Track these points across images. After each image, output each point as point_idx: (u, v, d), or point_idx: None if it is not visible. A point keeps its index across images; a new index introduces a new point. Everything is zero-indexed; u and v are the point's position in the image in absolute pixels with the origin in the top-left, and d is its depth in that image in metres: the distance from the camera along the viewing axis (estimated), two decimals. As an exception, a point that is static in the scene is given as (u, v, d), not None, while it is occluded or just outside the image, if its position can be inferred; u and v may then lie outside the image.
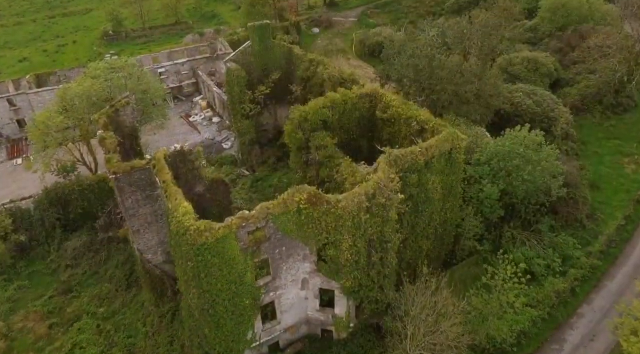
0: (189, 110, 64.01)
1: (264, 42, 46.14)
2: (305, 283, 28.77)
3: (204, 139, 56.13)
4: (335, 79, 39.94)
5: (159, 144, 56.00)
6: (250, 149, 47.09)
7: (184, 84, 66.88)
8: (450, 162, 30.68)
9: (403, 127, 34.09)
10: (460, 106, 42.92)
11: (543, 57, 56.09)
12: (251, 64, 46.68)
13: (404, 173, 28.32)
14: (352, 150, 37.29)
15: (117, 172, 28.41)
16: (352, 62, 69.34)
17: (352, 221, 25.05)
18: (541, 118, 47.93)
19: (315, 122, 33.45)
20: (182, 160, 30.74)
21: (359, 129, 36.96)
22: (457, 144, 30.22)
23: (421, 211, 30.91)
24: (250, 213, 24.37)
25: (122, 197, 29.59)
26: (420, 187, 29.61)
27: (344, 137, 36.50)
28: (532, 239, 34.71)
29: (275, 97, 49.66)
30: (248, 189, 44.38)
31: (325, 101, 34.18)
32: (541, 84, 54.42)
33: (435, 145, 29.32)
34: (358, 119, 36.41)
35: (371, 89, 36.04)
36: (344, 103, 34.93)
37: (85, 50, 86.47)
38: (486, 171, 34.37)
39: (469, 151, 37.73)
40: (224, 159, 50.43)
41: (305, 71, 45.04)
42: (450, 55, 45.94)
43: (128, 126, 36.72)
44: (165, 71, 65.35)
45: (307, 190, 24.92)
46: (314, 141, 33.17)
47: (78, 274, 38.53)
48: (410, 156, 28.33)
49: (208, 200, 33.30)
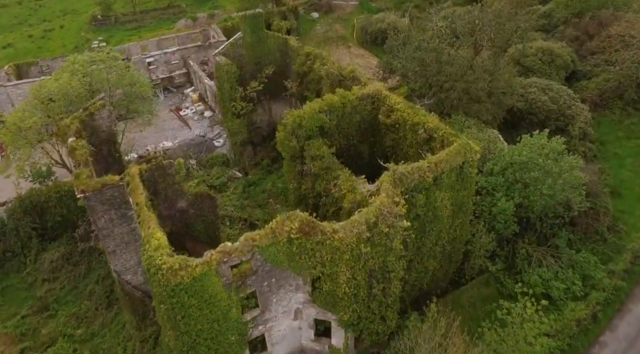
0: (180, 103, 60.37)
1: (256, 33, 42.26)
2: (299, 313, 25.82)
3: (194, 136, 52.71)
4: (333, 77, 36.24)
5: (147, 141, 52.80)
6: (242, 149, 43.68)
7: (175, 74, 63.05)
8: (462, 177, 27.32)
9: (409, 134, 30.62)
10: (470, 105, 39.27)
11: (559, 47, 51.96)
12: (243, 57, 42.90)
13: (410, 192, 25.05)
14: (352, 156, 34.04)
15: (86, 191, 25.18)
16: (353, 51, 65.23)
17: (350, 253, 21.90)
18: (557, 116, 44.26)
19: (310, 128, 29.97)
20: (161, 175, 27.43)
21: (360, 134, 33.50)
22: (470, 157, 26.81)
23: (428, 231, 27.76)
24: (233, 246, 21.20)
25: (94, 217, 26.43)
26: (427, 206, 26.36)
27: (343, 143, 33.09)
28: (548, 257, 31.57)
29: (269, 93, 46.01)
30: (240, 195, 41.16)
31: (321, 104, 30.62)
32: (556, 77, 50.50)
33: (446, 159, 25.92)
34: (358, 123, 32.91)
35: (373, 90, 32.41)
36: (343, 106, 31.38)
37: (73, 36, 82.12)
38: (500, 182, 31.02)
39: (481, 158, 34.34)
40: (215, 159, 47.05)
41: (301, 66, 41.28)
42: (459, 48, 42.08)
43: (105, 130, 33.29)
44: (155, 61, 61.46)
45: (299, 218, 21.68)
46: (309, 150, 29.76)
47: (56, 289, 35.68)
48: (417, 173, 24.97)
49: (192, 215, 30.17)
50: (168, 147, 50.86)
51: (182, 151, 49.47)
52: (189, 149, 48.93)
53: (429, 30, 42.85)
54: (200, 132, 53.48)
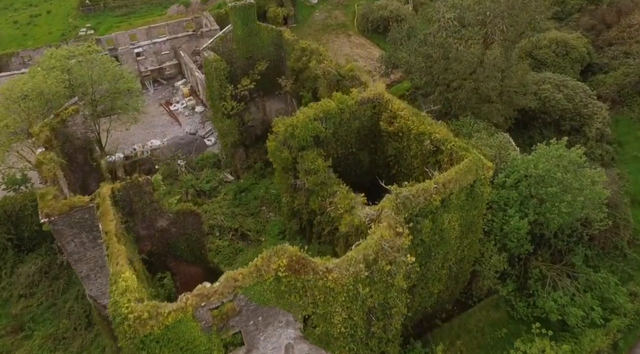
0: (171, 96, 57.14)
1: (248, 25, 38.85)
2: (290, 349, 23.29)
3: (184, 134, 49.68)
4: (331, 77, 33.05)
5: (135, 139, 49.85)
6: (233, 151, 40.74)
7: (165, 65, 59.63)
8: (472, 196, 24.49)
9: (413, 144, 27.67)
10: (479, 105, 36.13)
11: (574, 38, 48.37)
12: (233, 52, 39.60)
13: (414, 217, 22.26)
14: (351, 165, 31.22)
15: (51, 215, 22.44)
16: (354, 40, 61.56)
17: (346, 294, 19.23)
18: (572, 116, 41.14)
19: (304, 138, 27.02)
20: (137, 193, 24.61)
21: (359, 141, 30.55)
22: (481, 174, 23.91)
23: (434, 255, 25.08)
24: (213, 287, 18.52)
25: (62, 241, 23.76)
26: (433, 230, 23.61)
27: (341, 151, 30.19)
28: (564, 278, 28.93)
29: (263, 90, 42.87)
30: (230, 202, 38.40)
31: (316, 110, 27.58)
32: (571, 71, 47.11)
33: (455, 179, 23.03)
34: (358, 129, 29.93)
35: (374, 94, 29.30)
36: (341, 113, 28.34)
37: (60, 22, 78.23)
38: (513, 197, 28.16)
39: (491, 166, 31.43)
40: (206, 161, 44.17)
41: (296, 62, 38.00)
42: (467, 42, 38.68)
43: (80, 137, 30.39)
44: (144, 51, 57.99)
45: (287, 253, 18.93)
46: (302, 163, 26.88)
47: (32, 306, 33.29)
48: (423, 196, 22.12)
49: (175, 234, 27.47)
50: (156, 146, 47.96)
51: (171, 151, 46.58)
52: (178, 149, 45.99)
53: (435, 21, 39.35)
54: (191, 129, 50.45)
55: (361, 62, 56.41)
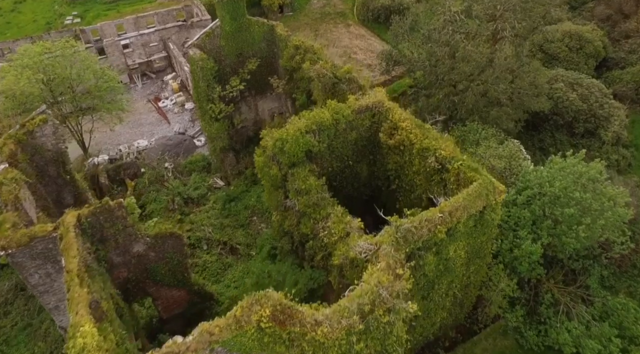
0: (160, 92, 54.20)
1: (237, 20, 35.75)
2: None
3: (173, 133, 46.93)
4: (326, 80, 30.16)
5: (121, 139, 47.20)
6: (223, 156, 38.07)
7: (154, 58, 56.48)
8: (482, 222, 21.93)
9: (416, 160, 24.99)
10: (487, 109, 33.30)
11: (589, 31, 45.16)
12: (222, 49, 36.58)
13: (416, 251, 19.78)
14: (348, 178, 28.61)
15: (8, 248, 19.99)
16: (353, 30, 58.18)
17: (339, 348, 16.84)
18: (586, 117, 38.31)
19: (294, 154, 24.35)
20: (109, 219, 22.10)
21: (357, 153, 27.87)
22: (492, 200, 21.31)
23: (437, 286, 22.68)
24: (185, 343, 16.13)
25: (24, 274, 21.35)
26: (437, 262, 21.15)
27: (336, 164, 27.54)
28: (579, 304, 26.57)
29: (255, 88, 39.99)
30: (219, 212, 35.89)
31: (308, 122, 24.83)
32: (585, 67, 44.07)
33: (463, 206, 20.44)
34: (355, 140, 27.20)
35: (373, 101, 26.49)
36: (336, 124, 25.60)
37: (46, 9, 74.70)
38: (525, 216, 25.59)
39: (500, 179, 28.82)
40: (194, 164, 41.53)
41: (289, 60, 35.04)
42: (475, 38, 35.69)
43: (51, 149, 27.77)
44: (131, 43, 54.77)
45: (271, 302, 16.50)
46: (292, 182, 24.27)
47: (6, 326, 31.14)
48: (426, 227, 19.58)
49: (153, 259, 25.05)
50: (143, 147, 45.29)
51: (158, 152, 43.92)
52: (165, 151, 43.30)
53: (440, 14, 36.17)
54: (180, 128, 47.70)
55: (360, 54, 53.27)
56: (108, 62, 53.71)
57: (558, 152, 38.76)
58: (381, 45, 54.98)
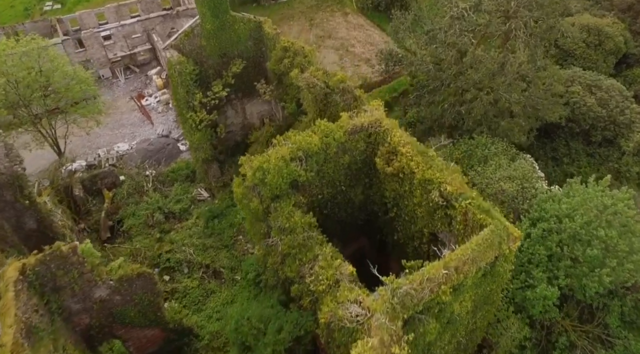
0: (143, 88, 50.59)
1: (219, 17, 32.03)
2: None
3: (155, 136, 43.62)
4: (316, 91, 26.72)
5: (101, 141, 43.95)
6: (206, 167, 34.88)
7: (138, 50, 52.61)
8: (493, 273, 18.93)
9: (417, 191, 21.83)
10: (498, 120, 29.91)
11: (609, 25, 41.21)
12: (203, 49, 32.98)
13: (416, 314, 16.85)
14: (340, 204, 25.52)
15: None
16: (351, 19, 54.06)
17: None
18: (605, 125, 34.85)
19: (277, 186, 21.20)
20: (62, 266, 19.17)
21: (350, 178, 24.68)
22: (506, 249, 18.25)
23: (440, 341, 19.85)
24: None
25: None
26: (440, 323, 18.25)
27: (327, 191, 24.40)
28: (598, 349, 23.80)
29: (242, 91, 36.54)
30: (202, 230, 32.95)
31: (293, 149, 21.58)
32: (604, 65, 40.35)
33: (472, 259, 17.40)
34: (349, 164, 23.97)
35: (369, 121, 23.12)
36: (326, 148, 22.34)
37: (25, -6, 70.19)
38: (540, 253, 22.57)
39: (511, 205, 25.76)
40: (177, 172, 38.38)
41: (277, 63, 31.51)
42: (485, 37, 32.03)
43: (4, 172, 24.64)
44: (112, 35, 50.86)
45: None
46: (275, 219, 21.19)
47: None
48: (428, 288, 16.58)
49: (120, 302, 22.22)
50: (124, 151, 42.08)
51: (139, 158, 40.72)
52: (146, 157, 40.09)
53: (446, 9, 32.31)
54: (164, 129, 44.37)
55: (359, 47, 49.43)
56: (87, 56, 50.07)
57: (573, 162, 35.80)
58: (381, 36, 51.08)
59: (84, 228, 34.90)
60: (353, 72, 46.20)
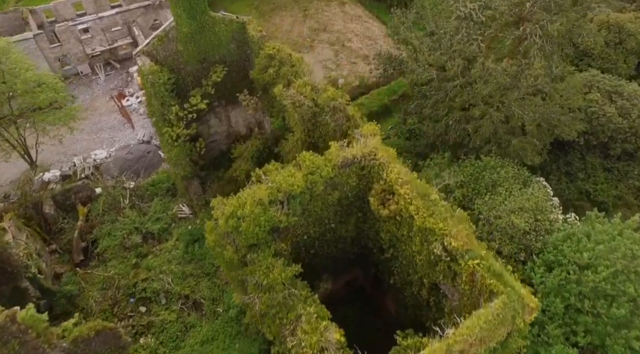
0: (125, 85, 47.08)
1: (196, 19, 28.44)
2: None
3: (135, 143, 40.40)
4: (303, 110, 23.45)
5: (77, 147, 40.80)
6: (187, 184, 31.86)
7: (119, 44, 48.82)
8: (504, 346, 16.13)
9: (417, 239, 18.91)
10: (508, 137, 26.71)
11: (631, 20, 37.41)
12: (180, 55, 29.52)
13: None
14: (329, 242, 22.70)
15: None
16: (349, 10, 50.02)
17: None
18: (626, 137, 31.58)
19: (254, 235, 18.27)
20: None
21: (340, 214, 21.75)
22: (520, 323, 15.42)
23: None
24: None
25: None
26: (443, 409, 15.57)
27: (314, 230, 21.53)
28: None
29: (225, 98, 33.22)
30: (182, 255, 30.17)
31: (272, 190, 18.55)
32: (624, 66, 36.80)
33: (480, 339, 14.58)
34: (339, 199, 21.00)
35: (362, 153, 20.00)
36: (311, 188, 19.30)
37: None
38: (556, 306, 19.77)
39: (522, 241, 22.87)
40: (157, 185, 35.35)
41: (261, 72, 28.12)
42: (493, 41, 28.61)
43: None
44: (89, 28, 47.03)
45: None
46: (252, 274, 18.34)
47: None
48: (428, 379, 13.84)
49: (78, 361, 19.59)
50: (102, 159, 38.98)
51: (117, 168, 37.66)
52: (125, 168, 37.01)
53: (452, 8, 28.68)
54: (145, 134, 41.11)
55: (356, 42, 45.67)
56: (63, 51, 46.44)
57: (588, 178, 32.66)
58: (380, 29, 47.22)
59: (55, 250, 32.17)
60: (349, 71, 42.64)
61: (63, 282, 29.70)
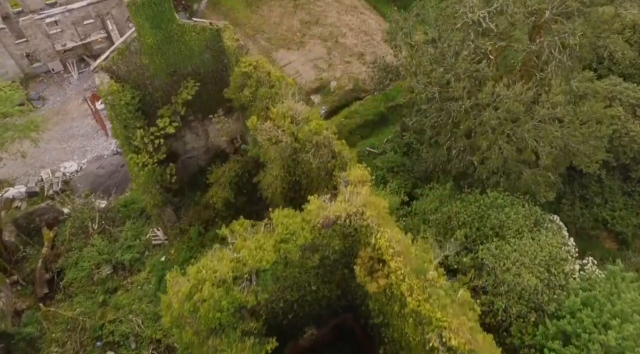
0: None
1: (162, 29, 24.68)
2: None
3: (109, 153, 37.03)
4: (281, 148, 19.98)
5: (45, 159, 37.51)
6: (159, 211, 28.71)
7: (93, 39, 44.74)
8: None
9: (410, 320, 15.87)
10: (519, 169, 23.33)
11: (659, 19, 33.24)
12: (145, 69, 25.84)
13: None
14: (310, 303, 19.83)
15: None
16: (346, 1, 45.54)
17: None
18: (649, 158, 28.17)
19: (216, 319, 15.26)
20: None
21: (322, 275, 18.70)
22: None
23: None
24: None
25: None
26: None
27: (292, 295, 18.54)
28: None
29: (202, 111, 29.70)
30: (154, 292, 27.34)
31: (237, 265, 15.40)
32: (648, 72, 32.84)
33: None
34: (321, 259, 17.87)
35: (348, 212, 16.69)
36: (285, 257, 16.16)
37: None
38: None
39: (532, 300, 19.92)
40: (130, 206, 32.24)
41: (237, 91, 24.53)
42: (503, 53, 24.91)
43: None
44: (58, 22, 42.85)
45: None
46: (214, 363, 15.45)
47: None
48: None
49: None
50: (71, 172, 35.78)
51: (87, 184, 34.49)
52: (95, 185, 33.82)
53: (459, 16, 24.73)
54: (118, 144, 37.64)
55: (351, 38, 41.54)
56: (30, 47, 42.50)
57: (606, 203, 29.48)
58: (378, 22, 42.98)
59: (16, 281, 29.44)
60: (343, 72, 38.70)
61: (23, 322, 27.07)
